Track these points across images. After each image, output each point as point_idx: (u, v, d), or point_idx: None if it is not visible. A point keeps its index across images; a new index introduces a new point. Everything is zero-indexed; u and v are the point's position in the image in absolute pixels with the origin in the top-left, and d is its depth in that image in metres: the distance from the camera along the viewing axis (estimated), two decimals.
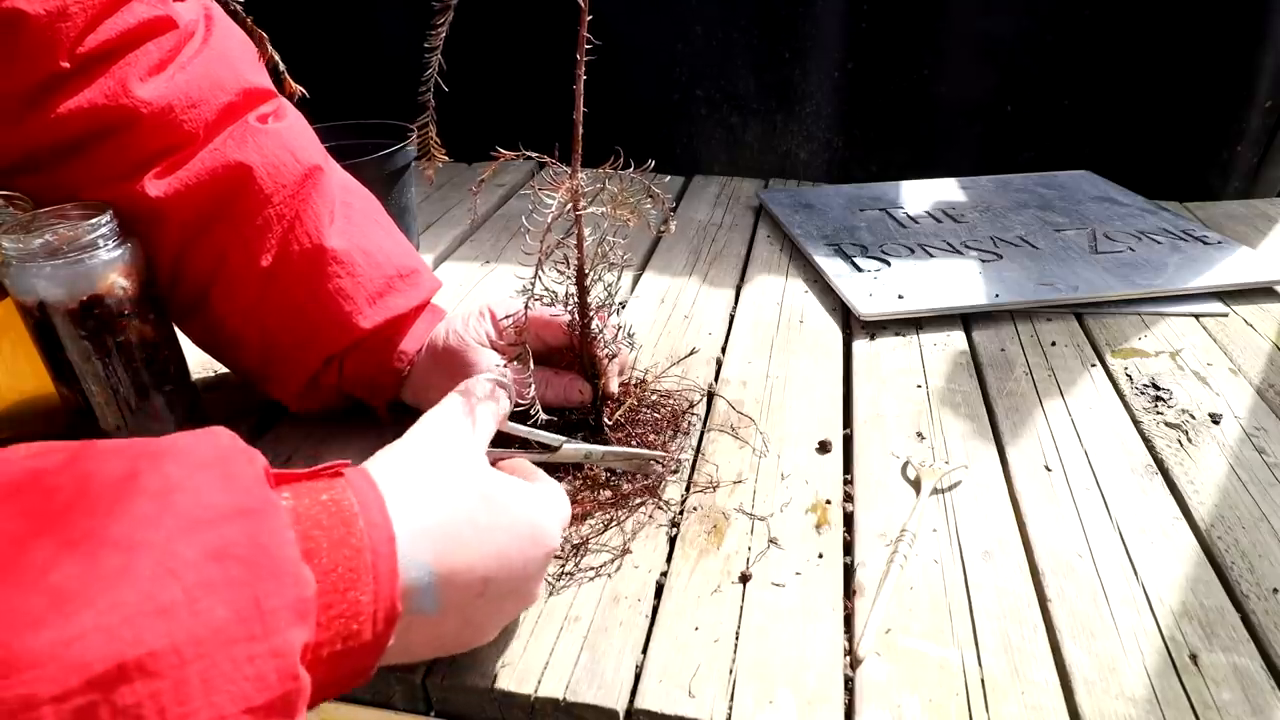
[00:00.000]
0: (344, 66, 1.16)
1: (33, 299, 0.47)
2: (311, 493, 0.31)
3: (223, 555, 0.25)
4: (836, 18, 1.05)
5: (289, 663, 0.25)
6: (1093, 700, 0.39)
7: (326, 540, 0.29)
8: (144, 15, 0.48)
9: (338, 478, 0.32)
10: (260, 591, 0.25)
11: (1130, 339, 0.71)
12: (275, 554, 0.26)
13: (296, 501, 0.30)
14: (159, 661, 0.23)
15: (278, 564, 0.26)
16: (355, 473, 0.33)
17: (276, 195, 0.51)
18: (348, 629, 0.29)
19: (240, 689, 0.24)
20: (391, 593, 0.30)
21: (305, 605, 0.26)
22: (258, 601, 0.25)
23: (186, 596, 0.24)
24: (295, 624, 0.26)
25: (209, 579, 0.24)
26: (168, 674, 0.23)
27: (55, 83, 0.46)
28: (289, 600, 0.26)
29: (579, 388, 0.54)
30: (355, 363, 0.55)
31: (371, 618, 0.30)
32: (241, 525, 0.26)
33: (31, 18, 0.44)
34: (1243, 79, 0.98)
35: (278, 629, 0.25)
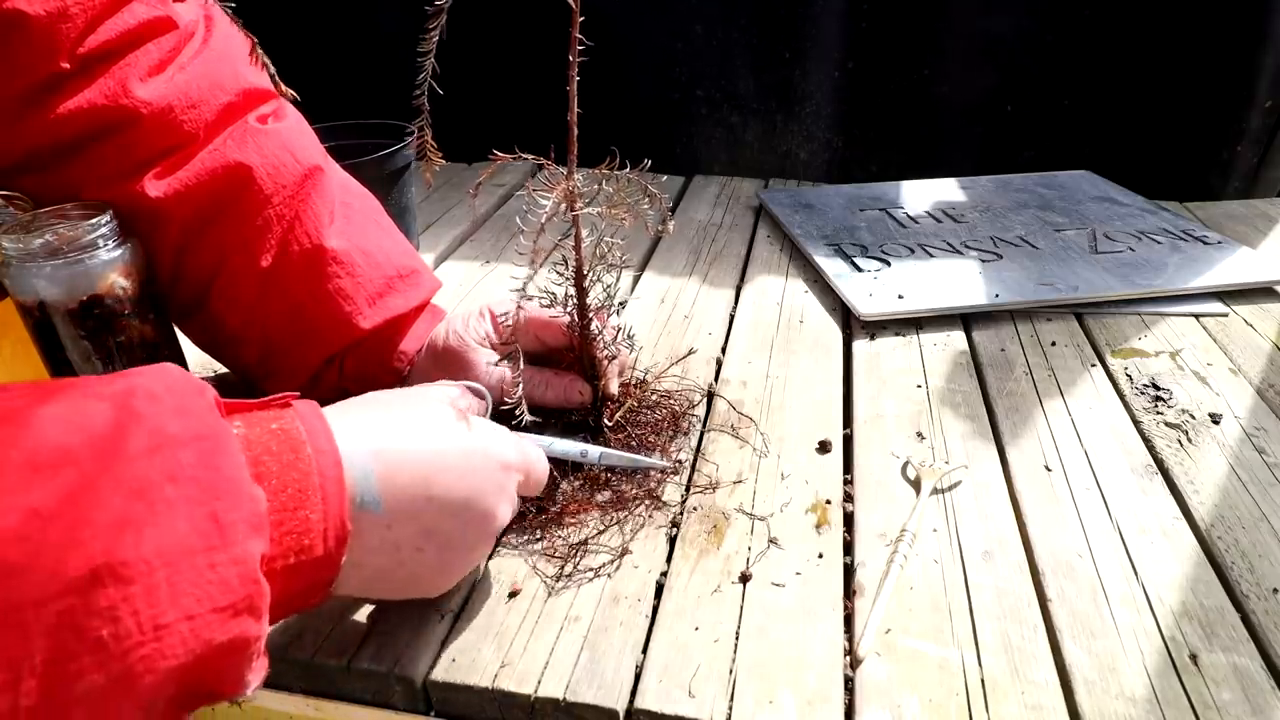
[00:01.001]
0: (344, 66, 1.16)
1: (33, 299, 0.47)
2: (261, 421, 0.33)
3: (179, 476, 0.28)
4: (836, 18, 1.05)
5: (249, 569, 0.28)
6: (1093, 700, 0.39)
7: (276, 464, 0.32)
8: (144, 16, 0.48)
9: (286, 408, 0.35)
10: (216, 508, 0.28)
11: (1130, 339, 0.71)
12: (228, 475, 0.29)
13: (248, 430, 0.32)
14: (129, 569, 0.25)
15: (231, 484, 0.29)
16: (302, 404, 0.35)
17: (276, 195, 0.51)
18: (300, 544, 0.31)
19: (205, 591, 0.27)
20: (340, 510, 0.33)
21: (259, 519, 0.29)
22: (215, 516, 0.28)
23: (149, 512, 0.26)
24: (251, 535, 0.29)
25: (168, 497, 0.27)
26: (138, 579, 0.26)
27: (56, 83, 0.46)
28: (244, 515, 0.29)
29: (579, 389, 0.54)
30: (355, 363, 0.55)
31: (322, 535, 0.32)
32: (195, 449, 0.29)
33: (32, 18, 0.44)
34: (1243, 79, 0.98)
35: (235, 540, 0.28)
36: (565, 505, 0.50)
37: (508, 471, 0.40)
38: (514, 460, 0.41)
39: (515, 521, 0.50)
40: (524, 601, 0.45)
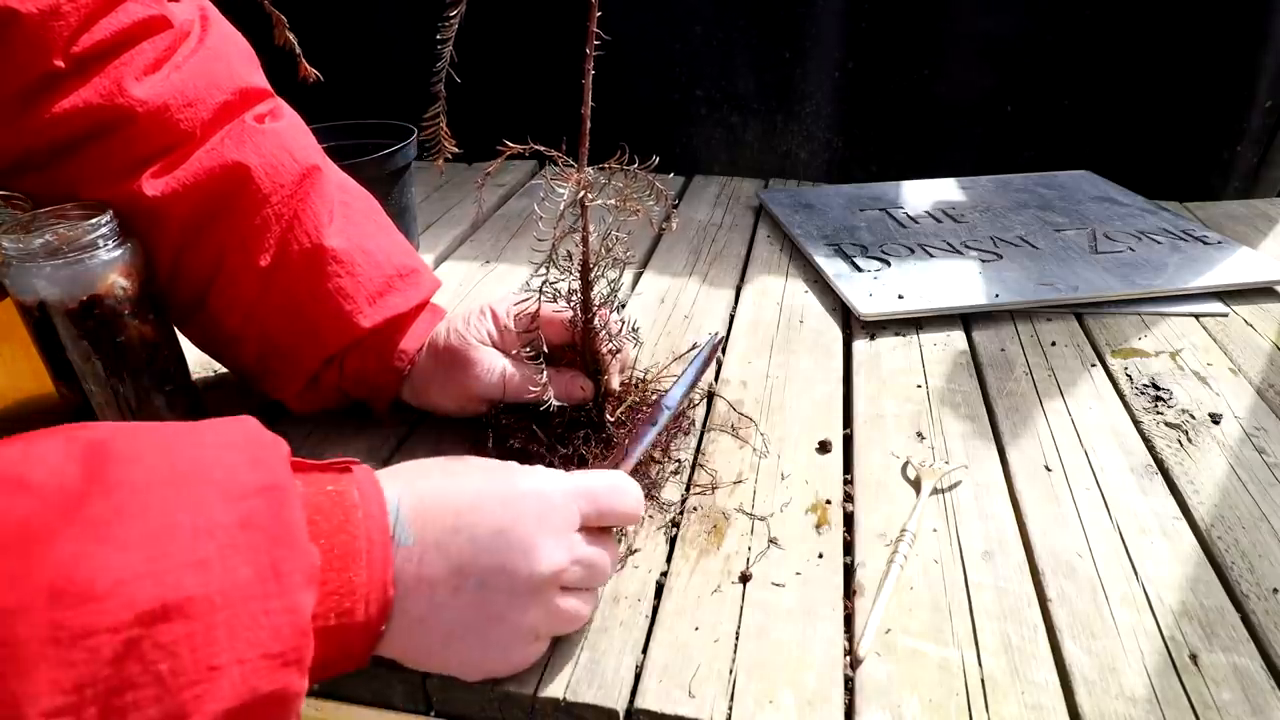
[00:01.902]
0: (344, 66, 1.15)
1: (33, 299, 0.47)
2: (319, 483, 0.34)
3: (249, 524, 0.29)
4: (836, 18, 1.05)
5: (301, 619, 0.29)
6: (1093, 700, 0.39)
7: (327, 525, 0.32)
8: (139, 15, 0.48)
9: (346, 473, 0.35)
10: (277, 557, 0.29)
11: (1130, 339, 0.71)
12: (291, 528, 0.30)
13: (306, 489, 0.33)
14: (194, 606, 0.26)
15: (292, 537, 0.30)
16: (360, 470, 0.36)
17: (275, 195, 0.51)
18: (342, 605, 0.32)
19: (258, 636, 0.28)
20: (384, 577, 0.33)
21: (313, 573, 0.30)
22: (275, 565, 0.29)
23: (219, 555, 0.28)
24: (305, 588, 0.29)
25: (237, 542, 0.28)
26: (200, 618, 0.26)
27: (50, 82, 0.46)
28: (301, 567, 0.29)
29: (580, 384, 0.54)
30: (355, 362, 0.55)
31: (365, 598, 0.32)
32: (265, 500, 0.30)
33: (24, 16, 0.44)
34: (1243, 79, 0.98)
35: (291, 590, 0.29)
36: None
37: (550, 505, 0.38)
38: (558, 495, 0.39)
39: None
40: None
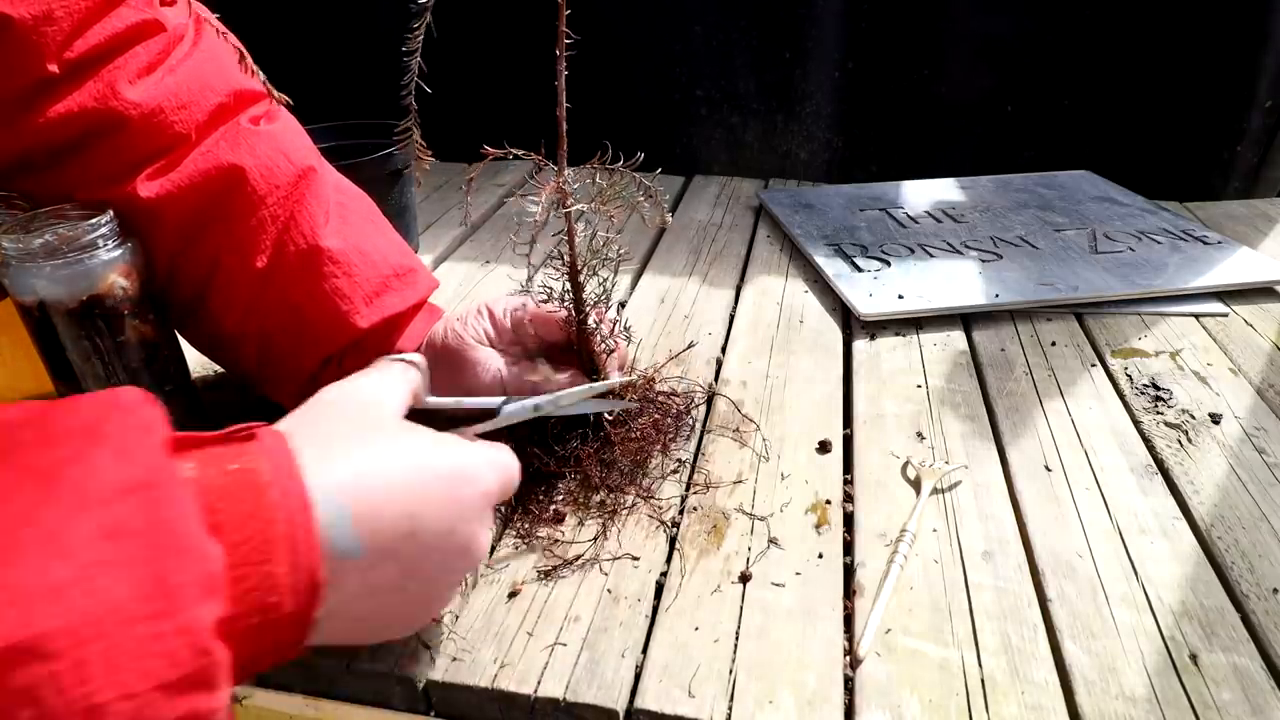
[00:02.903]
0: (344, 66, 1.16)
1: (33, 299, 0.47)
2: (219, 461, 0.29)
3: (116, 533, 0.24)
4: (836, 18, 1.05)
5: (199, 638, 0.25)
6: (1093, 700, 0.39)
7: (235, 512, 0.28)
8: (132, 19, 0.48)
9: (249, 441, 0.31)
10: (162, 569, 0.24)
11: (1130, 339, 0.71)
12: (176, 529, 0.25)
13: (202, 472, 0.29)
14: (52, 642, 0.22)
15: (179, 539, 0.25)
16: (269, 436, 0.32)
17: (270, 196, 0.51)
18: (264, 601, 0.28)
19: (148, 665, 0.23)
20: (312, 561, 0.29)
21: (212, 580, 0.26)
22: (160, 579, 0.24)
23: (80, 575, 0.23)
24: (203, 599, 0.25)
25: (103, 558, 0.24)
26: (65, 654, 0.22)
27: (44, 87, 0.46)
28: (195, 576, 0.25)
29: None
30: (354, 363, 0.55)
31: (291, 589, 0.29)
32: (138, 500, 0.25)
33: (16, 21, 0.44)
34: (1243, 79, 0.98)
35: (183, 605, 0.25)
36: (565, 505, 0.50)
37: (488, 496, 0.38)
38: (494, 483, 0.38)
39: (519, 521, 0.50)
40: (524, 601, 0.45)
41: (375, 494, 0.33)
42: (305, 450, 0.32)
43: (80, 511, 0.24)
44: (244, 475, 0.29)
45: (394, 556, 0.33)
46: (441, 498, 0.35)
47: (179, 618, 0.24)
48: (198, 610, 0.25)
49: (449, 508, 0.35)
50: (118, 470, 0.25)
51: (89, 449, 0.25)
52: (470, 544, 0.36)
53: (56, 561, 0.23)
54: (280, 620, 0.28)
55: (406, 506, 0.34)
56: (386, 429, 0.37)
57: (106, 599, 0.23)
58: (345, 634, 0.35)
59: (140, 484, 0.25)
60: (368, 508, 0.32)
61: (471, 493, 0.36)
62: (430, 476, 0.35)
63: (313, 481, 0.31)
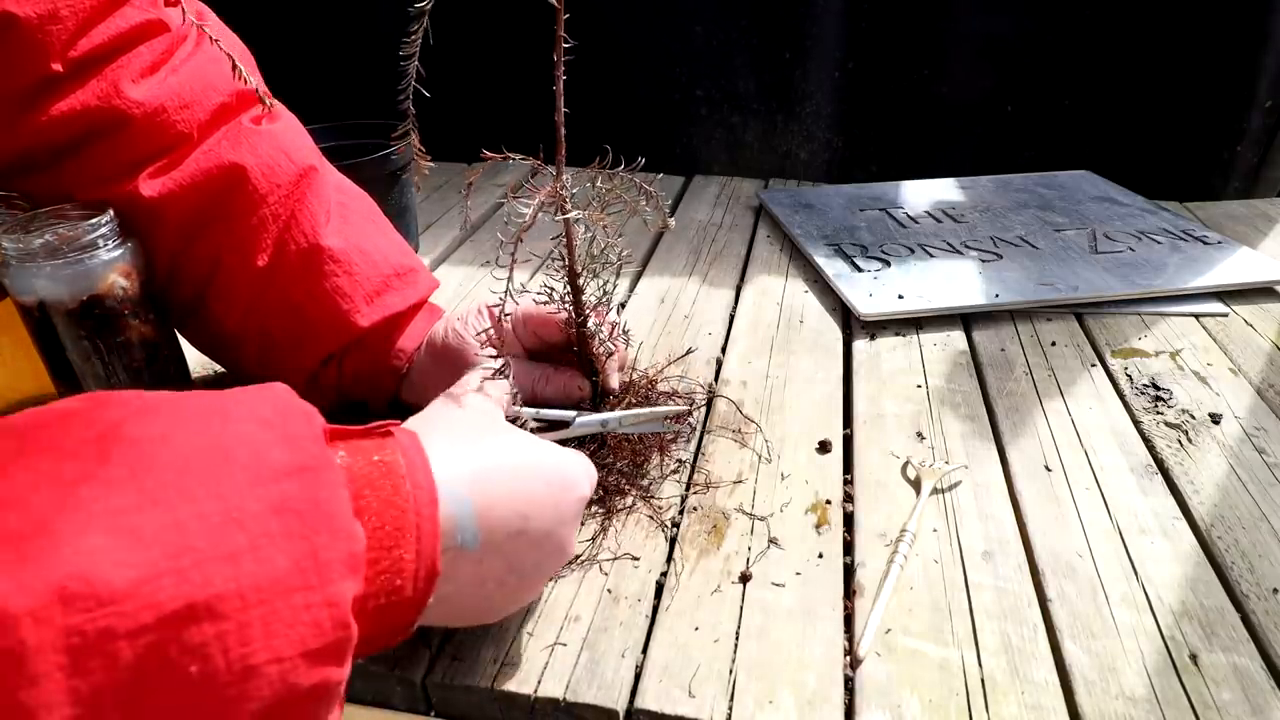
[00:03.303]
0: (344, 67, 1.16)
1: (33, 299, 0.47)
2: (364, 452, 0.32)
3: (283, 509, 0.27)
4: (836, 18, 1.05)
5: (341, 611, 0.27)
6: (1093, 700, 0.39)
7: (376, 500, 0.31)
8: (136, 19, 0.48)
9: (388, 437, 0.34)
10: (317, 544, 0.27)
11: (1130, 339, 0.71)
12: (330, 510, 0.28)
13: (351, 460, 0.32)
14: (225, 604, 0.24)
15: (332, 520, 0.28)
16: (403, 434, 0.35)
17: (272, 195, 0.51)
18: (391, 584, 0.30)
19: (298, 633, 0.26)
20: (433, 551, 0.32)
21: (356, 559, 0.28)
22: (314, 554, 0.27)
23: (251, 545, 0.25)
24: (347, 576, 0.27)
25: (270, 530, 0.26)
26: (233, 616, 0.24)
27: (48, 85, 0.46)
28: (342, 554, 0.27)
29: (578, 384, 0.54)
30: (354, 362, 0.55)
31: (413, 575, 0.31)
32: (300, 482, 0.27)
33: (22, 20, 0.44)
34: (1243, 79, 0.98)
35: (331, 580, 0.27)
36: None
37: (583, 500, 0.40)
38: (588, 488, 0.41)
39: None
40: None
41: (493, 491, 0.35)
42: (433, 448, 0.34)
43: (254, 487, 0.26)
44: (385, 466, 0.32)
45: (502, 552, 0.35)
46: (548, 499, 0.37)
47: (327, 590, 0.27)
48: (341, 585, 0.27)
49: (553, 510, 0.37)
50: (285, 453, 0.28)
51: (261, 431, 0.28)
52: (565, 544, 0.39)
53: (234, 530, 0.25)
54: (401, 603, 0.31)
55: (518, 506, 0.36)
56: (499, 431, 0.40)
57: (271, 569, 0.25)
58: (444, 618, 0.37)
59: (303, 467, 0.28)
60: (486, 503, 0.35)
61: (571, 497, 0.39)
62: (539, 478, 0.38)
63: (440, 476, 0.33)
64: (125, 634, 0.23)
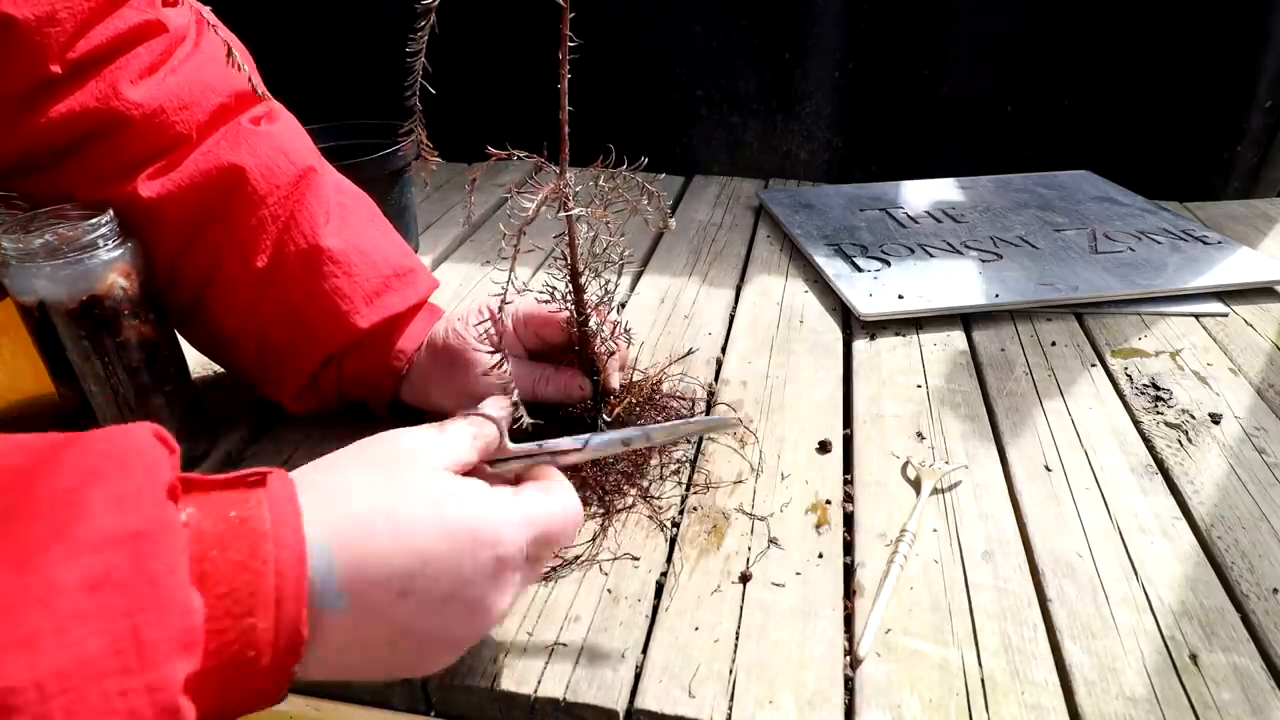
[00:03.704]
0: (344, 66, 1.16)
1: (33, 299, 0.47)
2: (220, 507, 0.29)
3: (102, 583, 0.23)
4: (836, 18, 1.05)
5: (167, 696, 0.24)
6: (1093, 700, 0.39)
7: (224, 563, 0.27)
8: (134, 20, 0.48)
9: (255, 488, 0.30)
10: (139, 622, 0.24)
11: (1130, 339, 0.71)
12: (161, 581, 0.25)
13: (201, 519, 0.28)
14: (17, 696, 0.21)
15: (162, 592, 0.25)
16: (278, 482, 0.31)
17: (271, 196, 0.51)
18: (242, 656, 0.27)
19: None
20: (296, 617, 0.28)
21: (190, 635, 0.25)
22: (135, 632, 0.24)
23: (55, 627, 0.22)
24: (177, 655, 0.24)
25: (82, 609, 0.23)
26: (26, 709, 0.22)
27: (46, 87, 0.46)
28: (172, 631, 0.24)
29: (579, 384, 0.54)
30: (354, 362, 0.55)
31: (271, 645, 0.28)
32: (129, 550, 0.24)
33: (20, 22, 0.44)
34: (1244, 79, 0.98)
35: (156, 662, 0.24)
36: None
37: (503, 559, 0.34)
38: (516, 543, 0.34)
39: None
40: (524, 601, 0.45)
41: (368, 547, 0.31)
42: (311, 500, 0.30)
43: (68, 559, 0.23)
44: (242, 523, 0.28)
45: (382, 616, 0.31)
46: (447, 558, 0.32)
47: (148, 674, 0.24)
48: (169, 667, 0.24)
49: (452, 570, 0.32)
50: (113, 517, 0.25)
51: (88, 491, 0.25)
52: (475, 609, 0.33)
53: (36, 611, 0.22)
54: (257, 672, 0.28)
55: (403, 566, 0.31)
56: (407, 480, 0.34)
57: (79, 652, 0.23)
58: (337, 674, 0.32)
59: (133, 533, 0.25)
60: (356, 564, 0.30)
61: (485, 555, 0.33)
62: (436, 536, 0.32)
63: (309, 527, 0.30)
64: None
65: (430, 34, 0.38)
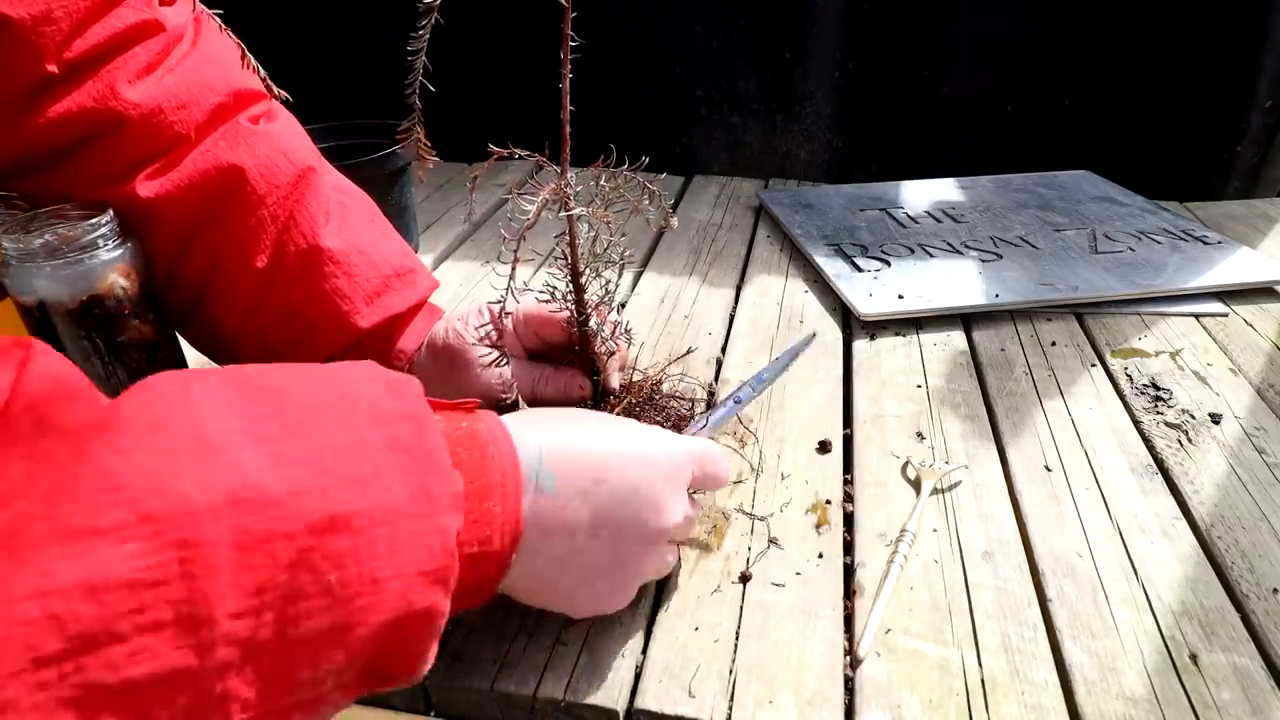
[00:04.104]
0: (345, 66, 1.16)
1: (33, 299, 0.47)
2: (454, 419, 0.36)
3: (397, 447, 0.30)
4: (836, 18, 1.05)
5: (449, 539, 0.31)
6: (1093, 700, 0.39)
7: (466, 457, 0.34)
8: (131, 19, 0.48)
9: (473, 412, 0.37)
10: (427, 480, 0.31)
11: (1130, 339, 0.71)
12: (435, 454, 0.32)
13: (445, 423, 0.35)
14: (357, 520, 0.28)
15: (437, 462, 0.31)
16: (485, 411, 0.38)
17: (270, 196, 0.51)
18: (483, 533, 0.33)
19: (415, 554, 0.29)
20: (516, 510, 0.35)
21: (458, 498, 0.32)
22: (426, 488, 0.30)
23: (375, 474, 0.29)
24: (451, 510, 0.31)
25: (390, 464, 0.30)
26: (362, 532, 0.28)
27: (43, 87, 0.46)
28: (447, 491, 0.31)
29: (579, 384, 0.54)
30: None
31: (500, 530, 0.34)
32: (409, 426, 0.31)
33: (15, 21, 0.44)
34: (1243, 79, 0.98)
35: (440, 511, 0.31)
36: None
37: (676, 466, 0.41)
38: (683, 460, 0.41)
39: None
40: None
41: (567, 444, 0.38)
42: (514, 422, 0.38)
43: (372, 425, 0.30)
44: (472, 432, 0.35)
45: (585, 498, 0.37)
46: (628, 458, 0.39)
47: (437, 519, 0.30)
48: (448, 518, 0.31)
49: (635, 468, 0.39)
50: (394, 402, 0.32)
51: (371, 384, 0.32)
52: (659, 501, 0.39)
53: (360, 460, 0.29)
54: (489, 554, 0.34)
55: (599, 457, 0.38)
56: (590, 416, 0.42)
57: (391, 496, 0.29)
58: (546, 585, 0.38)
59: (410, 414, 0.32)
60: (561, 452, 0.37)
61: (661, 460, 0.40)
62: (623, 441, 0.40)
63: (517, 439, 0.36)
64: (282, 536, 0.26)
65: (432, 32, 0.38)
